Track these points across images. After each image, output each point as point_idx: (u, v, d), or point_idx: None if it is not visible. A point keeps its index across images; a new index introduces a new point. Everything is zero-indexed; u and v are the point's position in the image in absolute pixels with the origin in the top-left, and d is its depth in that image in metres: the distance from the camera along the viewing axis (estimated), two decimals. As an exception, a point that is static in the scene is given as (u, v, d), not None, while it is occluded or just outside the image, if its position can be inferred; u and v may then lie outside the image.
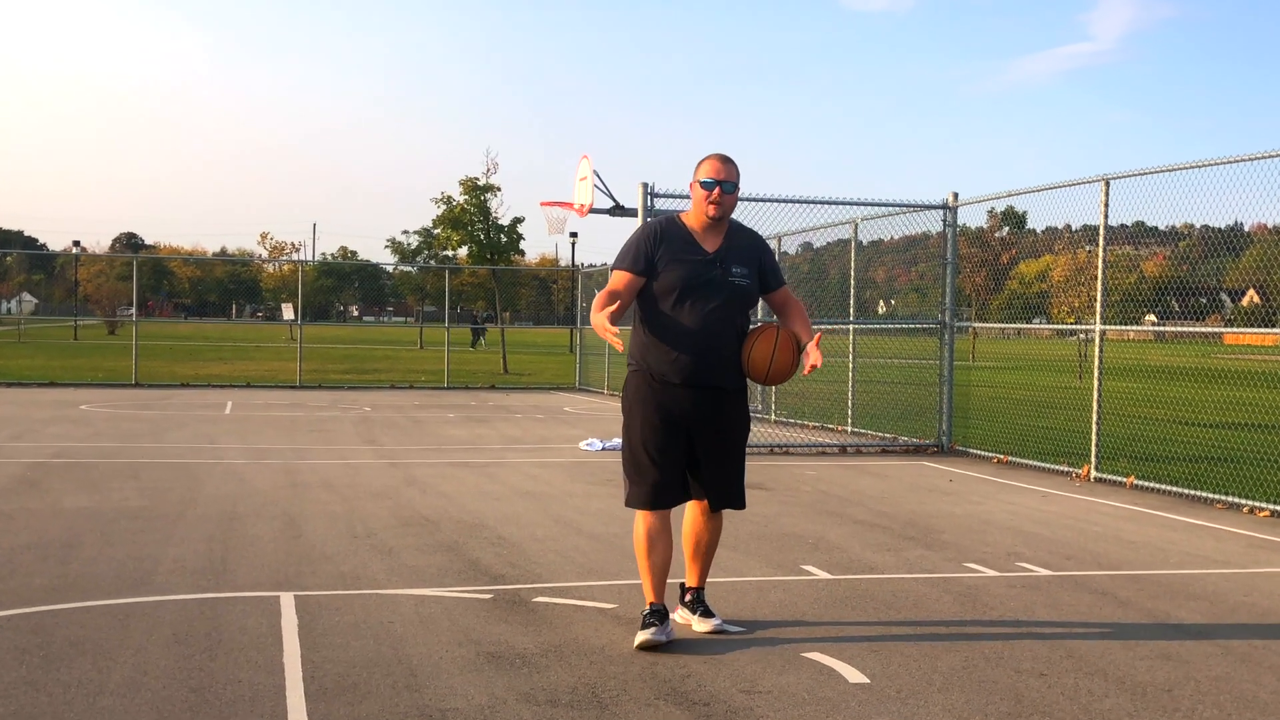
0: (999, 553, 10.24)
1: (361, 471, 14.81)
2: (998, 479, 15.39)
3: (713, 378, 7.11)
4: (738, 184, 7.22)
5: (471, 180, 43.86)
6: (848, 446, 18.70)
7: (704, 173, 7.19)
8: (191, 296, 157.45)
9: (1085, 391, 16.65)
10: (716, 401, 7.16)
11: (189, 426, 20.29)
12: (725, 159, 7.24)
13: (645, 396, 7.16)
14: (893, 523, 11.72)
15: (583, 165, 19.66)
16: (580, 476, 14.71)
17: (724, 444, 7.22)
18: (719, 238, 7.21)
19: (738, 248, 7.22)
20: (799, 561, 9.67)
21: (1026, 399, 28.60)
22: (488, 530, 10.81)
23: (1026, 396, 29.42)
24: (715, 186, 7.13)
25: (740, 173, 7.26)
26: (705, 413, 7.13)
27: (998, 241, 24.13)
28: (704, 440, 7.17)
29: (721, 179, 7.15)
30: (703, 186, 7.17)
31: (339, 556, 9.49)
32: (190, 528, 10.63)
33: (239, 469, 14.77)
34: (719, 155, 7.25)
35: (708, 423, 7.15)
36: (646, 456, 7.12)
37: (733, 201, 7.21)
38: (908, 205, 19.14)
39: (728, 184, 7.15)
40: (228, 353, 55.07)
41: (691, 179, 7.27)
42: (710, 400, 7.13)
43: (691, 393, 7.10)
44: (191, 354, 52.05)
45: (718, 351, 7.08)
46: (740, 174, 7.26)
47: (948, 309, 18.76)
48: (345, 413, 24.14)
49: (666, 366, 7.09)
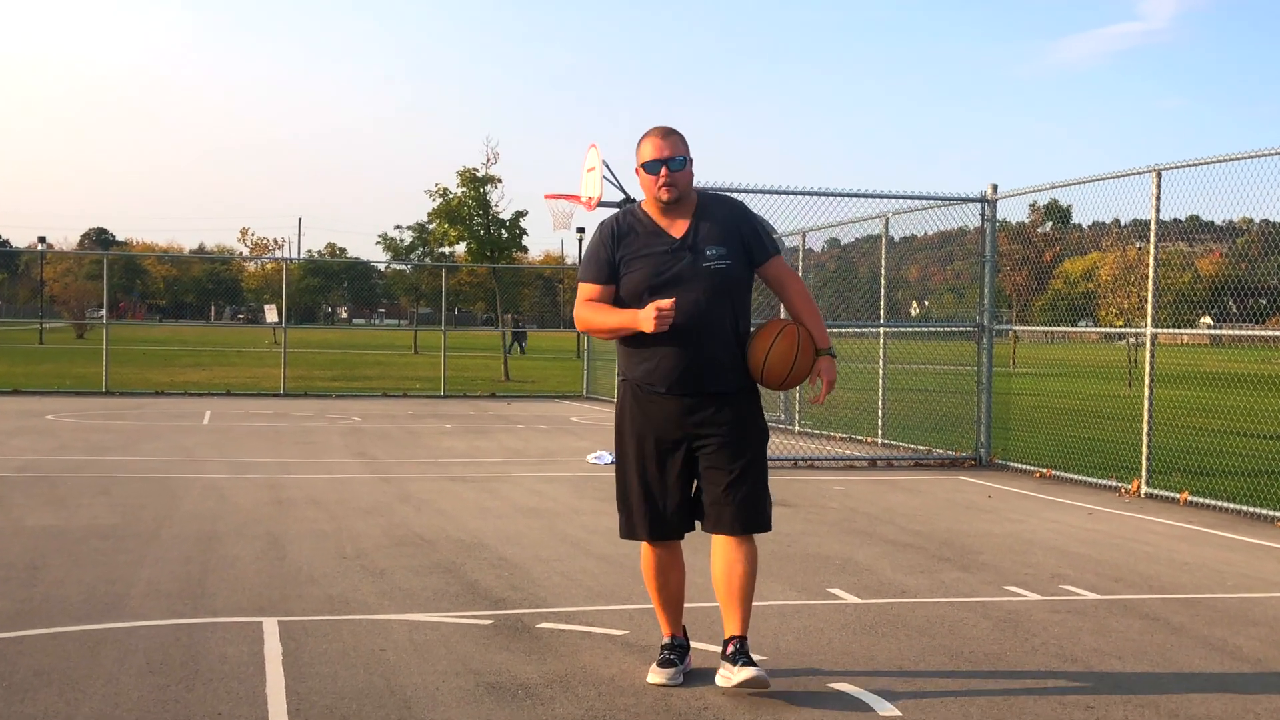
0: (1042, 575, 10.23)
1: (351, 487, 14.83)
2: (1040, 495, 15.37)
3: (703, 383, 6.70)
4: (688, 155, 6.80)
5: (470, 171, 43.92)
6: (878, 460, 18.70)
7: (645, 154, 6.80)
8: (167, 297, 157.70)
9: (1135, 400, 16.63)
10: (714, 410, 6.73)
11: (164, 438, 20.32)
12: (666, 131, 6.83)
13: (633, 411, 6.86)
14: (927, 542, 11.71)
15: (590, 155, 19.68)
16: (588, 492, 14.72)
17: (732, 455, 6.72)
18: (685, 218, 6.80)
19: (710, 225, 6.78)
20: (825, 584, 9.67)
21: (1071, 408, 28.58)
22: (488, 550, 10.82)
23: (1072, 405, 29.40)
24: (661, 167, 6.73)
25: (687, 141, 6.86)
26: (703, 423, 6.72)
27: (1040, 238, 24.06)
28: (708, 456, 6.73)
29: (666, 156, 6.73)
30: (647, 171, 6.78)
31: (327, 579, 9.50)
32: (165, 548, 10.65)
33: (218, 484, 14.79)
34: (657, 130, 6.84)
35: (709, 434, 6.72)
36: (636, 480, 6.82)
37: (687, 178, 6.79)
38: (943, 198, 19.14)
39: (675, 160, 6.73)
40: (206, 358, 55.16)
41: (635, 164, 6.88)
42: (707, 408, 6.72)
43: (682, 402, 6.72)
44: (166, 359, 52.12)
45: (705, 351, 6.65)
46: (687, 142, 6.86)
47: (986, 311, 18.76)
48: (333, 423, 24.17)
49: (649, 374, 6.76)
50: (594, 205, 19.47)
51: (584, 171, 20.07)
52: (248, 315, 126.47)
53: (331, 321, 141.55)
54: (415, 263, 69.19)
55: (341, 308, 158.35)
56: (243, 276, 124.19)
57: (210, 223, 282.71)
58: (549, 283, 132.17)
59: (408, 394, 34.77)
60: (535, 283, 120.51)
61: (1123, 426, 19.84)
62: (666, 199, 6.75)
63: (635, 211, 6.92)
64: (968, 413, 19.33)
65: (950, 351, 20.80)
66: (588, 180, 19.84)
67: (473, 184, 43.88)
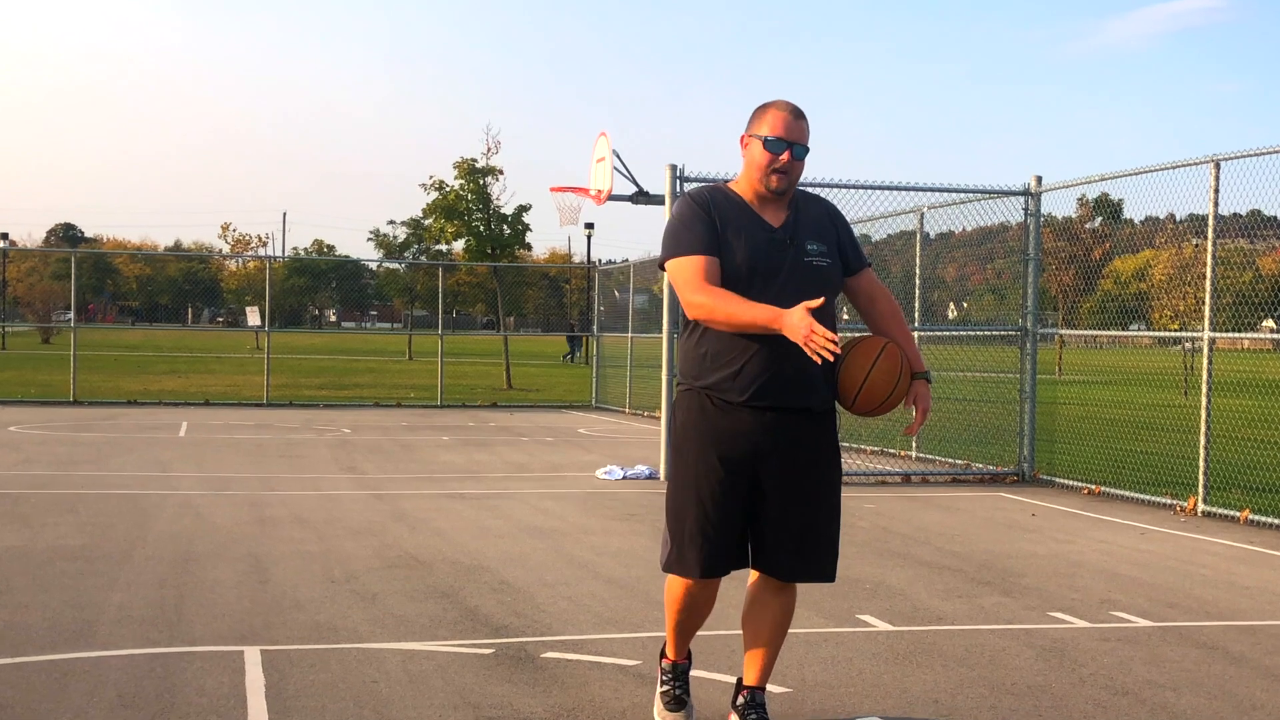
0: (1090, 600, 10.23)
1: (340, 504, 14.85)
2: (1088, 513, 15.37)
3: (792, 395, 6.19)
4: (809, 148, 6.34)
5: (469, 162, 43.88)
6: (912, 475, 18.69)
7: (769, 127, 6.25)
8: (140, 298, 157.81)
9: (1191, 410, 16.63)
10: (797, 429, 6.24)
11: (137, 451, 20.36)
12: (798, 112, 6.29)
13: (699, 424, 6.29)
14: (965, 564, 11.71)
15: (600, 144, 19.71)
16: (597, 510, 14.73)
17: (809, 488, 6.25)
18: (783, 210, 6.34)
19: (809, 220, 6.35)
20: (854, 610, 9.67)
21: (1122, 419, 28.54)
22: (488, 573, 10.83)
23: (1122, 416, 29.36)
24: (786, 150, 6.21)
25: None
26: (781, 445, 6.21)
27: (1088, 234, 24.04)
28: (780, 483, 6.22)
29: (794, 139, 6.23)
30: (768, 148, 6.22)
31: (313, 604, 9.51)
32: (138, 571, 10.66)
33: (196, 501, 14.81)
34: (787, 106, 6.30)
35: (786, 459, 6.22)
36: (694, 506, 6.25)
37: (800, 170, 6.31)
38: (983, 191, 19.14)
39: (800, 147, 6.26)
40: (182, 365, 55.22)
41: (744, 132, 6.37)
42: (789, 428, 6.22)
43: (762, 417, 6.19)
44: (140, 366, 52.20)
45: (796, 358, 6.06)
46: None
47: (1030, 313, 18.75)
48: (321, 435, 24.20)
49: (727, 381, 6.19)
50: (604, 199, 19.49)
51: (593, 162, 20.10)
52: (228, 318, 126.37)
53: (319, 325, 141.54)
54: (410, 261, 69.25)
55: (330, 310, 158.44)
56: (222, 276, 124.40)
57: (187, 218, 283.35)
58: (555, 283, 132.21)
59: (401, 404, 34.80)
60: (540, 283, 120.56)
61: (1178, 439, 19.84)
62: (776, 187, 6.25)
63: (724, 190, 6.41)
64: (1009, 424, 19.31)
65: (990, 357, 20.79)
66: (597, 172, 19.87)
67: (472, 176, 43.83)
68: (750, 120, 6.35)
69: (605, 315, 39.48)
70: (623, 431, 26.94)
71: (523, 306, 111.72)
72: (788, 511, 6.21)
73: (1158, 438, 23.19)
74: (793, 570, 6.26)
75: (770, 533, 6.23)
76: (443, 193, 44.10)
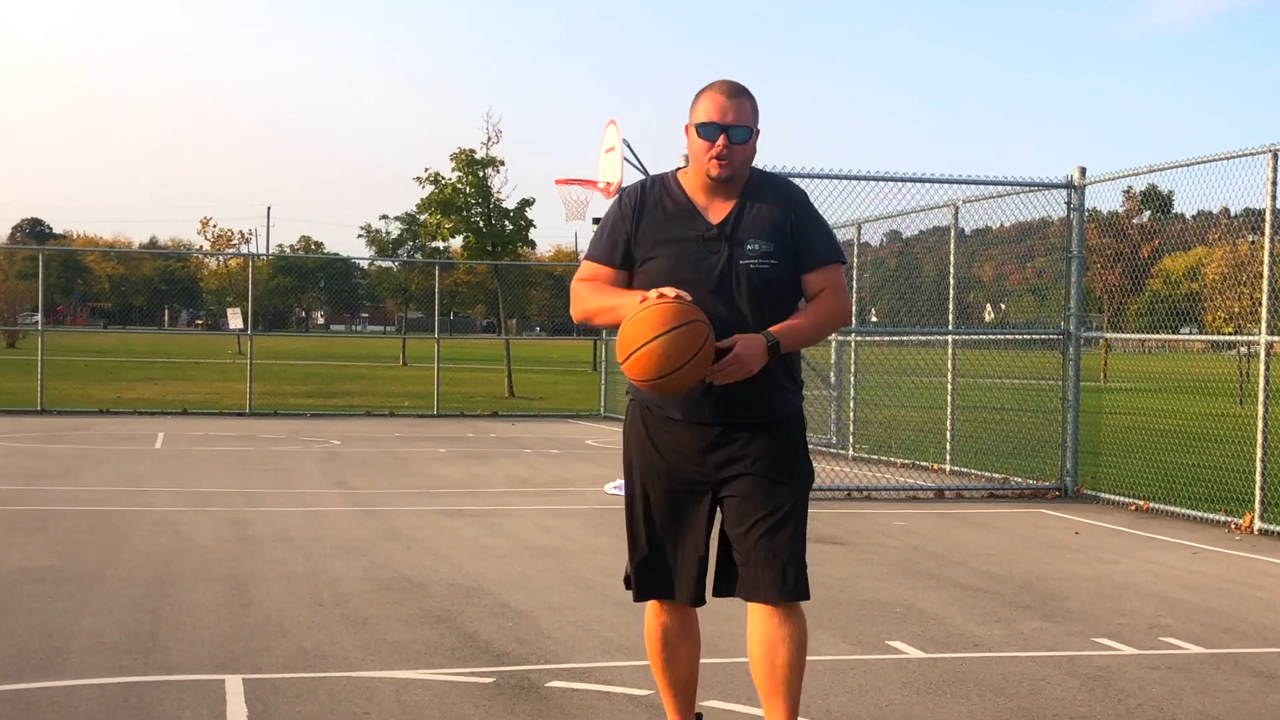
0: (1138, 625, 10.23)
1: (328, 522, 14.87)
2: (1136, 531, 15.36)
3: (732, 410, 6.09)
4: (754, 127, 6.14)
5: (467, 152, 43.93)
6: (945, 490, 18.70)
7: (702, 112, 6.11)
8: (113, 300, 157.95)
9: (1248, 420, 16.60)
10: (746, 443, 6.13)
11: (110, 464, 20.39)
12: (733, 89, 6.12)
13: (640, 438, 6.29)
14: (1003, 586, 11.72)
15: (610, 133, 19.72)
16: (606, 528, 14.74)
17: (761, 500, 6.09)
18: (729, 199, 6.15)
19: (757, 213, 6.13)
20: (884, 636, 9.67)
21: (1173, 429, 28.49)
22: (489, 596, 10.84)
23: (1173, 426, 29.30)
24: (720, 134, 6.04)
25: (757, 108, 6.19)
26: (729, 460, 6.12)
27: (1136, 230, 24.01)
28: (736, 501, 6.13)
29: (730, 122, 6.05)
30: (701, 134, 6.09)
31: (300, 630, 9.52)
32: (111, 594, 10.68)
33: (173, 519, 14.83)
34: (721, 86, 6.15)
35: (737, 475, 6.12)
36: (643, 524, 6.30)
37: (748, 154, 6.13)
38: (1022, 183, 19.14)
39: (738, 129, 6.06)
40: (159, 371, 55.29)
41: (687, 121, 6.22)
42: (734, 442, 6.12)
43: (702, 433, 6.14)
44: (113, 372, 52.26)
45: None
46: (758, 109, 6.19)
47: (1072, 315, 18.75)
48: (308, 447, 24.23)
49: (665, 397, 6.12)
50: (613, 192, 19.49)
51: (601, 153, 20.11)
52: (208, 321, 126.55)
53: (306, 328, 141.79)
54: (404, 259, 69.35)
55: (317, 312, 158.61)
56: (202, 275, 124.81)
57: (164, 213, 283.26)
58: (561, 283, 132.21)
59: (395, 413, 34.83)
60: (545, 283, 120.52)
61: (1233, 451, 19.81)
62: (717, 175, 6.06)
63: (668, 181, 6.27)
64: (1051, 435, 19.30)
65: (1030, 363, 20.77)
66: (606, 163, 19.88)
67: (470, 167, 43.87)
68: (690, 108, 6.21)
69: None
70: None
71: (526, 308, 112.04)
72: (748, 532, 6.06)
73: (1211, 450, 23.16)
74: (771, 590, 6.03)
75: (740, 557, 6.11)
76: (439, 186, 44.15)
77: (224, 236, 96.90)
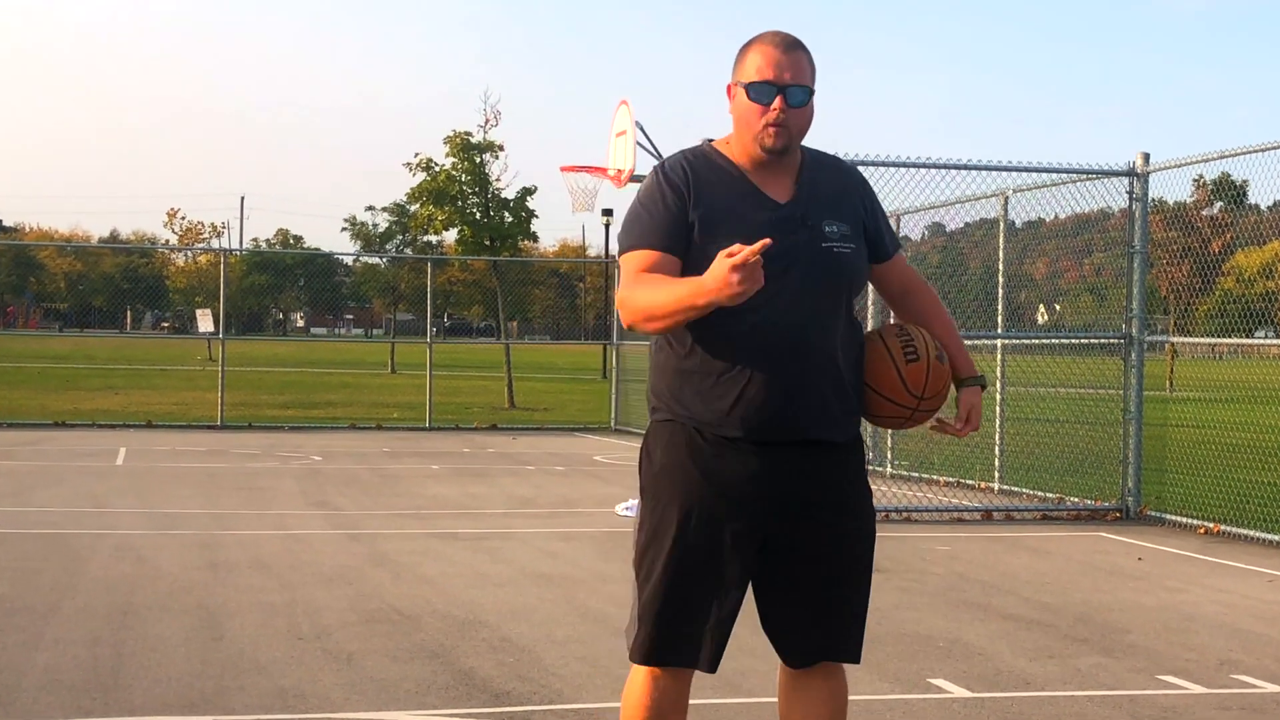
0: (1208, 660, 10.22)
1: (309, 546, 14.89)
2: (1205, 556, 15.36)
3: (812, 424, 5.53)
4: (813, 84, 5.61)
5: (462, 136, 43.93)
6: (994, 511, 18.70)
7: (752, 68, 5.55)
8: (69, 300, 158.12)
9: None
10: (817, 469, 5.59)
11: (67, 482, 20.42)
12: (791, 42, 5.60)
13: (685, 468, 5.58)
14: (1057, 618, 11.72)
15: (621, 115, 19.74)
16: (617, 554, 14.74)
17: (836, 548, 5.62)
18: (789, 175, 5.66)
19: (825, 192, 5.69)
20: (925, 673, 9.67)
21: (1246, 444, 28.42)
22: (486, 629, 10.86)
23: (1246, 441, 29.23)
24: (776, 95, 5.49)
25: (815, 66, 5.65)
26: (794, 495, 5.55)
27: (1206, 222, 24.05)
28: (796, 542, 5.60)
29: (787, 81, 5.50)
30: (753, 96, 5.53)
31: (277, 666, 9.54)
32: (68, 625, 10.70)
33: (136, 543, 14.85)
34: (777, 38, 5.61)
35: (804, 511, 5.58)
36: (671, 574, 5.58)
37: (804, 120, 5.60)
38: (1079, 171, 19.13)
39: (797, 89, 5.53)
40: (120, 379, 55.31)
41: (729, 80, 5.69)
42: (805, 467, 5.56)
43: (771, 456, 5.52)
44: (69, 380, 52.33)
45: (814, 374, 5.51)
46: (815, 67, 5.65)
47: (1135, 317, 18.74)
48: (286, 463, 24.27)
49: (720, 412, 5.51)
50: (624, 181, 19.50)
51: (612, 136, 20.12)
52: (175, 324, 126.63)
53: (283, 332, 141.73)
54: (392, 255, 69.45)
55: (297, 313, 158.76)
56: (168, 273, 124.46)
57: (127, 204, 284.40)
58: (566, 280, 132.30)
59: (383, 426, 34.87)
60: (549, 280, 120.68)
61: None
62: (772, 146, 5.52)
63: (709, 154, 5.70)
64: (1111, 450, 19.29)
65: (1088, 370, 20.77)
66: (616, 148, 19.89)
67: (466, 153, 43.84)
68: (734, 64, 5.68)
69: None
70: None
71: (528, 309, 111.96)
72: (813, 583, 5.61)
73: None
74: (831, 651, 5.65)
75: (792, 611, 5.65)
76: (432, 173, 44.15)
77: (193, 230, 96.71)
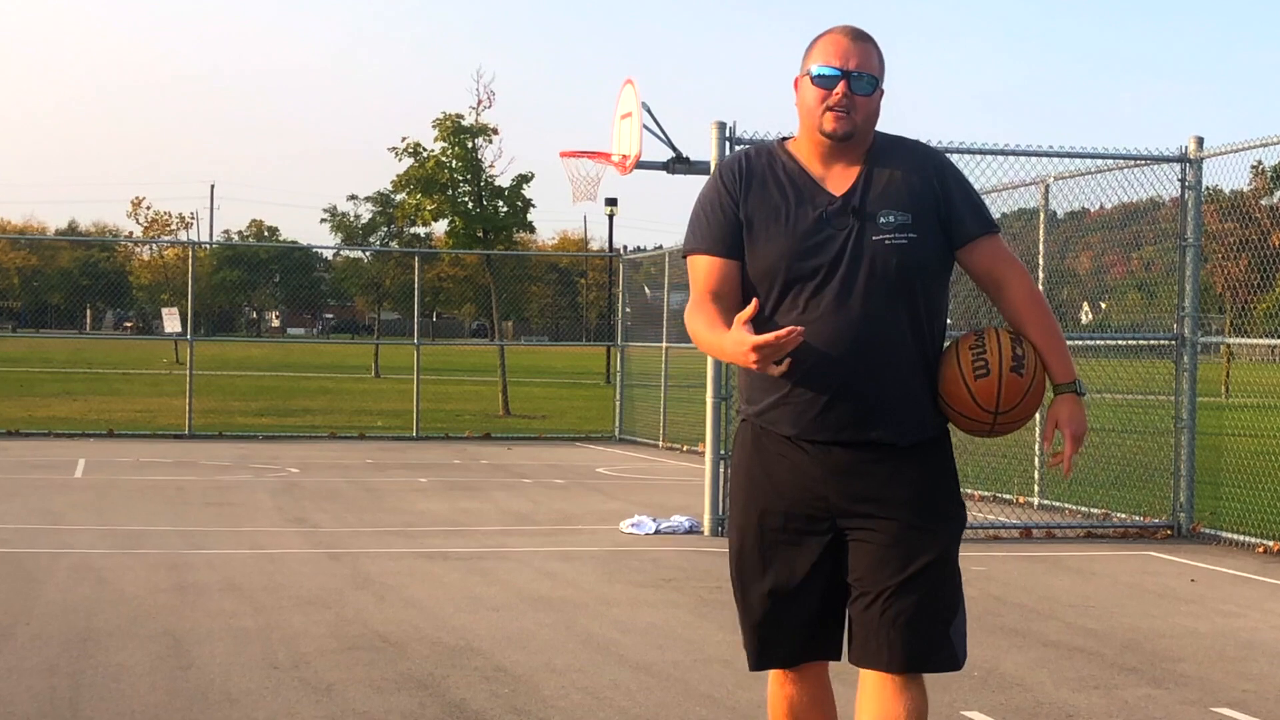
0: (1267, 691, 10.23)
1: (285, 566, 14.89)
2: (1265, 578, 15.36)
3: (865, 426, 5.92)
4: (880, 76, 6.07)
5: (453, 118, 43.91)
6: (1034, 528, 18.70)
7: (819, 57, 6.01)
8: (23, 297, 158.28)
9: (1402, 443, 16.59)
10: (881, 470, 5.96)
11: (20, 496, 20.44)
12: (857, 33, 6.04)
13: (750, 465, 6.11)
14: (1103, 645, 11.72)
15: (625, 96, 19.75)
16: (621, 574, 14.75)
17: (904, 547, 5.92)
18: (852, 166, 6.05)
19: (889, 179, 6.04)
20: (958, 704, 9.69)
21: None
22: (479, 656, 10.87)
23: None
24: (840, 80, 5.94)
25: (884, 62, 6.12)
26: (859, 494, 5.94)
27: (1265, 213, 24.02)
28: (864, 545, 5.96)
29: (852, 68, 5.95)
30: (816, 82, 5.99)
31: (250, 697, 9.55)
32: (21, 653, 10.72)
33: (96, 563, 14.86)
34: (844, 29, 6.07)
35: (867, 512, 5.95)
36: (750, 572, 6.12)
37: (872, 108, 6.03)
38: (1126, 156, 19.14)
39: (861, 76, 5.98)
40: (79, 384, 55.36)
41: (798, 73, 6.13)
42: (865, 469, 5.95)
43: (824, 456, 5.95)
44: (23, 385, 52.39)
45: (868, 377, 5.89)
46: (884, 63, 6.12)
47: (1188, 316, 18.73)
48: (260, 476, 24.29)
49: (773, 408, 5.99)
50: (630, 167, 19.50)
51: (616, 119, 20.13)
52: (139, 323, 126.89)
53: (257, 332, 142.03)
54: (376, 248, 69.48)
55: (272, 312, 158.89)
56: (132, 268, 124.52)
57: (86, 192, 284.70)
58: (567, 276, 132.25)
59: (365, 435, 34.92)
60: (548, 276, 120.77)
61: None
62: (833, 130, 5.94)
63: (775, 151, 6.16)
64: (1161, 462, 19.29)
65: (1137, 374, 20.76)
66: (621, 131, 19.90)
67: (457, 136, 43.80)
68: (802, 58, 6.12)
69: (632, 319, 39.31)
70: (655, 471, 26.98)
71: (524, 308, 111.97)
72: (875, 582, 5.89)
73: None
74: (894, 659, 5.87)
75: (858, 611, 5.96)
76: (419, 159, 44.14)
77: (159, 220, 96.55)
